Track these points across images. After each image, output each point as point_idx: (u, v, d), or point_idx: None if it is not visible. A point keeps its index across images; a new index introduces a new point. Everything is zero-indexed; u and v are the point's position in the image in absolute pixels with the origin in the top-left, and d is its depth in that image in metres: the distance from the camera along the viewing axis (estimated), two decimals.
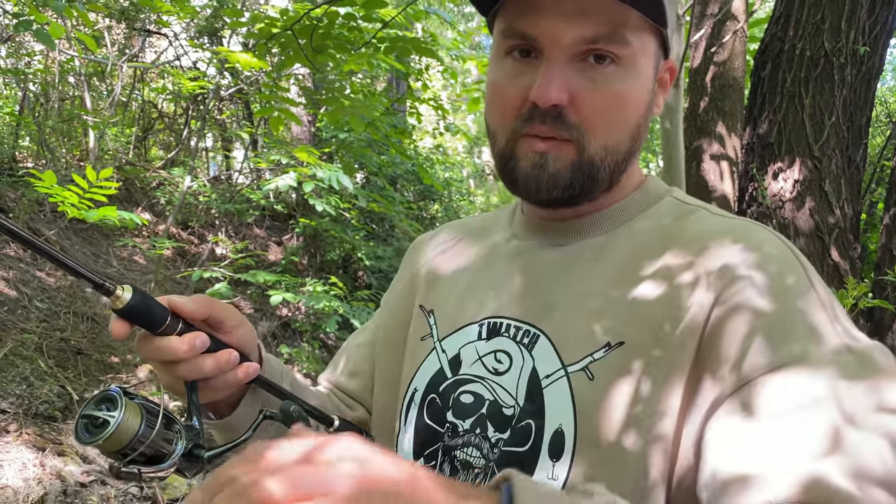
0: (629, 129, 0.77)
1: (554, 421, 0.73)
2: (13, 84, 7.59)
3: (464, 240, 0.98)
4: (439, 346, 0.87)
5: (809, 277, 0.70)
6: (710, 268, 0.70)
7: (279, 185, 4.75)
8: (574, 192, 0.77)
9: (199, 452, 0.72)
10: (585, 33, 0.71)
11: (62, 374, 4.51)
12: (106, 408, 0.69)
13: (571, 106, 0.73)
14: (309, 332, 6.84)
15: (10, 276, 5.06)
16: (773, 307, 0.66)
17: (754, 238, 0.72)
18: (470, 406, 0.80)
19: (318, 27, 3.16)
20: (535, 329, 0.79)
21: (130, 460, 0.69)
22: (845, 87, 3.28)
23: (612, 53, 0.73)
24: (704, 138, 3.89)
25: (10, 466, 3.57)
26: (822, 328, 0.65)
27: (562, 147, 0.75)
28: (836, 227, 3.26)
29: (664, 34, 0.78)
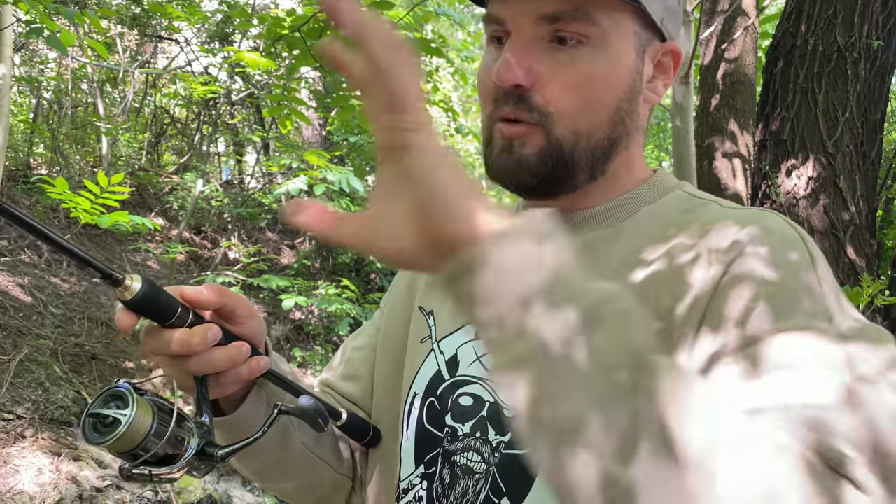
0: (604, 112, 0.73)
1: None
2: (27, 92, 7.66)
3: None
4: (437, 346, 0.83)
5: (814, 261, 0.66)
6: (719, 246, 0.67)
7: (289, 188, 4.76)
8: (545, 178, 0.74)
9: (212, 451, 0.68)
10: (546, 10, 0.69)
11: (77, 379, 4.54)
12: (115, 405, 0.64)
13: (536, 88, 0.71)
14: (322, 335, 6.85)
15: (26, 283, 5.11)
16: (780, 278, 0.62)
17: (763, 219, 0.68)
18: (469, 409, 0.77)
19: (326, 29, 3.16)
20: None
21: (142, 461, 0.64)
22: (859, 83, 3.24)
23: (578, 34, 0.70)
24: (716, 136, 3.86)
25: (27, 471, 3.59)
26: (829, 304, 0.61)
27: (529, 133, 0.72)
28: (852, 224, 3.22)
29: (648, 14, 0.73)
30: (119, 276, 0.62)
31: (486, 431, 0.74)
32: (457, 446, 0.76)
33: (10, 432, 3.80)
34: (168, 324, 0.67)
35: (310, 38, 3.22)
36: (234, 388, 0.75)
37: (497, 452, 0.73)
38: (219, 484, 4.36)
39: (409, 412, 0.83)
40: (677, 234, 0.72)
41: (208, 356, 0.69)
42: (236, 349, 0.70)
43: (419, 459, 0.80)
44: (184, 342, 0.67)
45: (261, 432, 0.73)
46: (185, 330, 0.67)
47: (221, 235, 7.76)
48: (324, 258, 7.80)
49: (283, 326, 6.74)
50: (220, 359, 0.69)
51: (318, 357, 6.40)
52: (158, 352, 0.68)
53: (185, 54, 7.97)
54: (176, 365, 0.69)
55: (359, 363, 0.97)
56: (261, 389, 0.80)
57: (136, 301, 0.63)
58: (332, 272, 7.62)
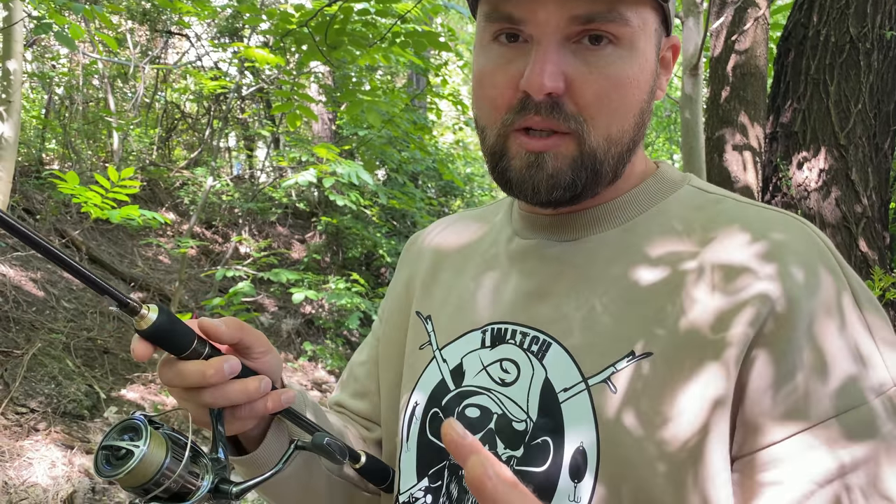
0: (632, 115, 0.69)
1: (574, 438, 0.66)
2: (39, 88, 7.70)
3: (460, 236, 0.90)
4: (439, 355, 0.79)
5: (855, 296, 0.64)
6: (747, 289, 0.63)
7: (299, 180, 4.77)
8: (577, 191, 0.69)
9: (227, 488, 0.66)
10: (578, 11, 0.64)
11: (89, 373, 4.57)
12: (129, 437, 0.63)
13: (568, 94, 0.66)
14: (332, 328, 6.87)
15: (38, 277, 5.14)
16: (813, 355, 0.61)
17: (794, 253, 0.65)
18: (476, 421, 0.72)
19: (334, 23, 3.16)
20: (544, 335, 0.72)
21: (153, 497, 0.63)
22: (872, 74, 3.21)
23: (610, 33, 0.65)
24: (727, 128, 3.83)
25: (40, 464, 3.63)
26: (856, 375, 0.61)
27: (560, 142, 0.67)
28: (864, 217, 3.19)
29: (665, 9, 0.70)
30: (135, 306, 0.62)
31: (495, 445, 0.71)
32: None
33: (24, 425, 3.84)
34: (184, 356, 0.65)
35: (318, 33, 3.22)
36: (251, 423, 0.73)
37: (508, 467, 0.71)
38: None
39: (409, 422, 0.79)
40: (699, 244, 0.69)
41: (223, 389, 0.67)
42: (254, 384, 0.69)
43: (422, 472, 0.76)
44: (198, 373, 0.65)
45: (276, 469, 0.72)
46: (201, 361, 0.66)
47: (232, 230, 7.79)
48: (334, 252, 7.81)
49: (293, 320, 6.77)
50: (236, 391, 0.67)
51: (328, 351, 6.43)
52: (173, 383, 0.67)
53: (195, 49, 7.99)
54: (191, 397, 0.68)
55: (365, 378, 0.95)
56: (281, 425, 0.78)
57: (151, 331, 0.62)
58: (342, 266, 7.63)
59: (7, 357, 4.22)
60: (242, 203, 7.38)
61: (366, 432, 0.92)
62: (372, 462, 0.81)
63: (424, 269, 0.89)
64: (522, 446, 0.69)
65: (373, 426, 0.93)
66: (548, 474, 0.67)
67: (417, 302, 0.87)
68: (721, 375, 0.62)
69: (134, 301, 0.62)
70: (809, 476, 0.58)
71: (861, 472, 0.58)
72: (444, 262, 0.88)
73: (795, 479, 0.59)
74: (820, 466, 0.59)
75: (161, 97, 8.55)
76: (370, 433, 0.92)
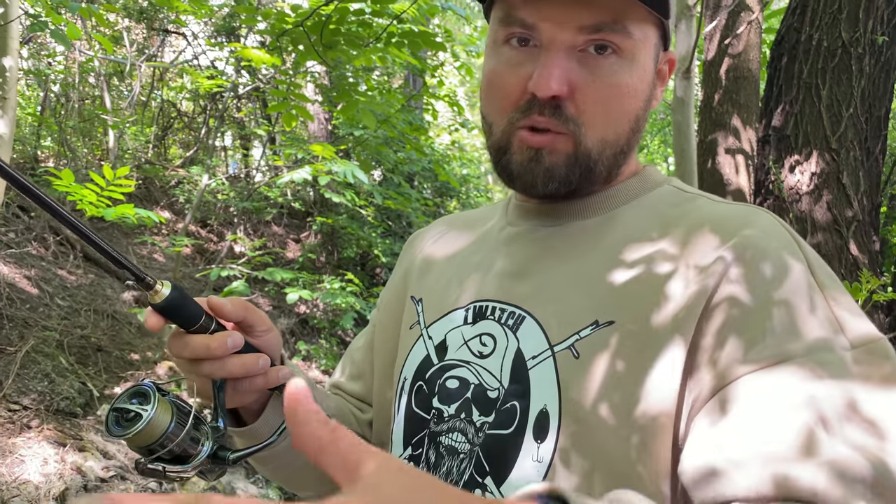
0: (628, 122, 0.76)
1: (539, 401, 0.72)
2: (35, 85, 7.69)
3: (456, 231, 0.98)
4: (426, 332, 0.86)
5: (811, 266, 0.67)
6: (706, 259, 0.68)
7: (294, 178, 4.78)
8: (571, 186, 0.76)
9: (224, 454, 0.72)
10: (587, 21, 0.70)
11: (83, 370, 4.57)
12: (138, 402, 0.69)
13: (570, 98, 0.72)
14: (327, 328, 6.88)
15: (32, 275, 5.14)
16: (758, 303, 0.64)
17: (750, 226, 0.70)
18: (455, 391, 0.79)
19: (329, 23, 3.17)
20: (520, 310, 0.77)
21: (157, 457, 0.68)
22: (863, 78, 3.23)
23: (614, 44, 0.72)
24: (719, 131, 3.85)
25: (32, 461, 3.63)
26: (806, 323, 0.63)
27: (557, 140, 0.74)
28: (855, 221, 3.21)
29: (665, 26, 0.76)
30: (151, 281, 0.68)
31: (471, 412, 0.76)
32: (442, 427, 0.78)
33: (16, 422, 3.84)
34: (192, 329, 0.71)
35: (314, 32, 3.23)
36: (251, 396, 0.80)
37: (481, 433, 0.75)
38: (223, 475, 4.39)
39: (399, 397, 0.85)
40: (665, 232, 0.74)
41: (225, 362, 0.73)
42: (253, 359, 0.75)
43: (407, 442, 0.82)
44: (203, 345, 0.71)
45: (271, 440, 0.78)
46: (207, 335, 0.72)
47: (227, 229, 7.79)
48: (329, 252, 7.82)
49: (287, 320, 6.77)
50: (236, 365, 0.74)
51: (322, 350, 6.43)
52: (180, 354, 0.73)
53: (191, 48, 7.98)
54: (195, 368, 0.74)
55: (361, 362, 1.02)
56: (278, 401, 0.83)
57: (163, 305, 0.68)
58: (336, 266, 7.64)
59: (0, 354, 4.22)
60: (238, 202, 7.38)
61: (359, 413, 0.99)
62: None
63: (421, 261, 0.97)
64: (494, 412, 0.75)
65: (366, 407, 1.00)
66: (513, 436, 0.72)
67: (412, 288, 0.94)
68: (679, 342, 0.66)
69: (149, 276, 0.67)
70: (779, 402, 0.59)
71: (836, 401, 0.58)
72: (439, 254, 0.95)
73: (763, 406, 0.60)
74: (788, 394, 0.59)
75: (157, 95, 8.55)
76: (363, 414, 0.99)
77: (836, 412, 0.57)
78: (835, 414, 0.57)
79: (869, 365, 0.61)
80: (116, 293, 5.75)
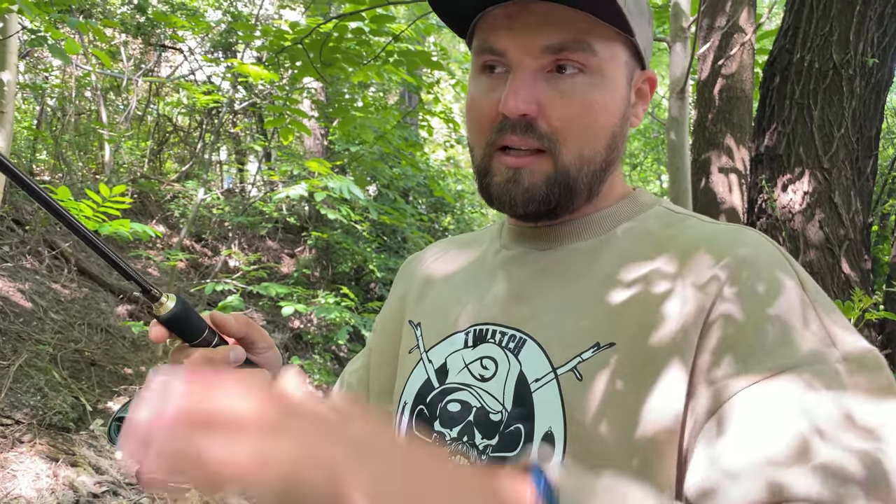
0: (603, 138, 0.78)
1: (543, 423, 0.72)
2: (31, 98, 7.70)
3: (452, 254, 0.98)
4: (426, 356, 0.86)
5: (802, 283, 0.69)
6: (701, 279, 0.70)
7: (290, 194, 4.79)
8: (550, 206, 0.78)
9: None
10: (551, 41, 0.73)
11: (76, 385, 4.55)
12: None
13: (542, 116, 0.74)
14: (321, 343, 6.86)
15: (26, 288, 5.13)
16: (752, 320, 0.66)
17: (743, 245, 0.71)
18: (456, 414, 0.79)
19: (328, 41, 3.20)
20: (521, 334, 0.78)
21: None
22: (854, 99, 3.27)
23: (578, 63, 0.74)
24: (713, 151, 3.89)
25: (24, 477, 3.60)
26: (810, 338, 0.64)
27: (536, 160, 0.76)
28: (847, 239, 3.24)
29: (634, 43, 0.78)
30: (156, 293, 0.68)
31: (473, 436, 0.77)
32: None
33: (9, 437, 3.82)
34: (194, 343, 0.72)
35: (312, 49, 3.26)
36: None
37: (484, 456, 0.75)
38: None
39: (399, 421, 0.86)
40: (659, 252, 0.76)
41: None
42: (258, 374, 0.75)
43: None
44: (205, 359, 0.72)
45: None
46: (210, 349, 0.72)
47: (222, 243, 7.79)
48: (323, 267, 7.82)
49: (282, 335, 6.76)
50: None
51: (316, 366, 6.41)
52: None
53: (188, 63, 8.01)
54: None
55: (356, 385, 1.02)
56: None
57: (168, 318, 0.69)
58: (331, 281, 7.64)
59: None
60: (233, 217, 7.39)
61: None
62: None
63: (418, 284, 0.97)
64: (497, 435, 0.75)
65: None
66: (518, 458, 0.73)
67: (410, 312, 0.94)
68: (680, 362, 0.67)
69: (155, 289, 0.68)
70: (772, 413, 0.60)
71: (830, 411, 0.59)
72: (437, 277, 0.96)
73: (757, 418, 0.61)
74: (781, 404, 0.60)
75: (153, 110, 8.57)
76: None
77: (830, 421, 0.59)
78: (829, 422, 0.58)
79: (862, 375, 0.62)
80: (110, 307, 5.73)
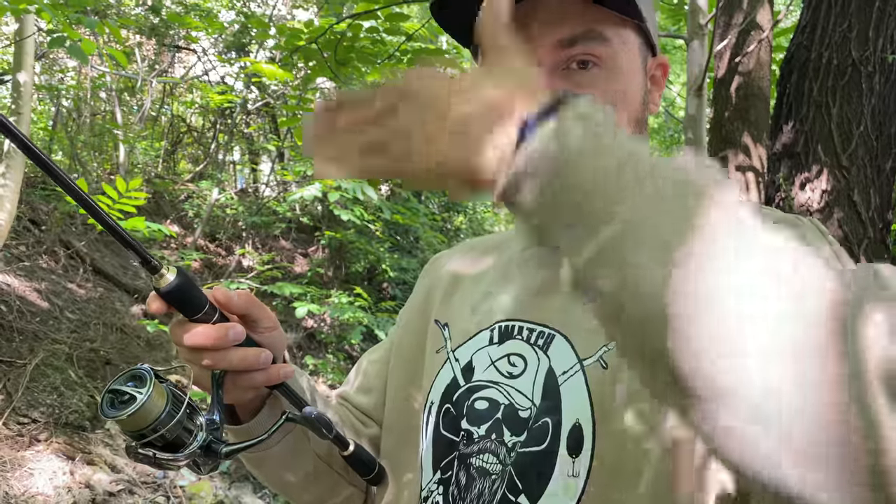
0: (628, 127, 0.76)
1: (571, 415, 0.72)
2: (47, 100, 7.76)
3: (479, 255, 0.97)
4: (452, 356, 0.85)
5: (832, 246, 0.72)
6: None
7: (304, 195, 4.80)
8: None
9: (217, 447, 0.70)
10: (564, 34, 0.72)
11: (91, 383, 4.58)
12: (134, 385, 0.66)
13: None
14: (334, 343, 6.88)
15: (43, 288, 5.16)
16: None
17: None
18: (484, 412, 0.78)
19: (343, 40, 3.20)
20: (549, 330, 0.78)
21: (148, 442, 0.66)
22: (874, 96, 3.24)
23: (594, 55, 0.73)
24: (730, 149, 3.85)
25: (41, 475, 3.63)
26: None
27: None
28: (866, 238, 3.21)
29: (645, 30, 0.78)
30: (156, 264, 0.65)
31: (502, 433, 0.76)
32: (472, 449, 0.78)
33: (26, 436, 3.84)
34: (194, 318, 0.69)
35: (326, 49, 3.26)
36: (249, 393, 0.77)
37: (513, 453, 0.74)
38: (230, 490, 4.38)
39: (427, 421, 0.85)
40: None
41: (224, 353, 0.70)
42: (253, 353, 0.72)
43: (436, 465, 0.81)
44: (202, 334, 0.69)
45: (264, 436, 0.76)
46: (209, 325, 0.70)
47: (236, 243, 7.82)
48: (337, 267, 7.83)
49: (295, 334, 6.77)
50: (236, 357, 0.71)
51: (329, 365, 6.42)
52: (180, 342, 0.71)
53: (202, 64, 8.05)
54: (194, 358, 0.71)
55: (373, 376, 1.00)
56: (277, 401, 0.82)
57: (167, 291, 0.65)
58: (344, 281, 7.65)
59: (10, 367, 4.23)
60: (246, 217, 7.41)
61: (361, 427, 0.96)
62: (360, 451, 0.84)
63: (445, 283, 0.95)
64: (526, 431, 0.75)
65: (369, 422, 0.98)
66: (546, 452, 0.72)
67: (437, 311, 0.93)
68: None
69: (155, 260, 0.64)
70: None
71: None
72: (463, 277, 0.94)
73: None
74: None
75: (167, 111, 8.61)
76: (365, 428, 0.97)
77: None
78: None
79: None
80: (125, 307, 5.76)
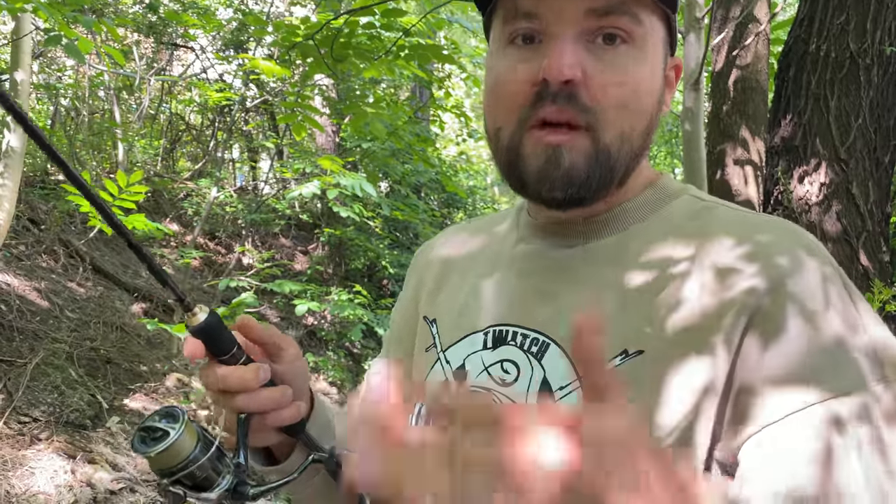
0: (644, 116, 0.72)
1: None
2: (45, 99, 7.75)
3: (466, 242, 0.93)
4: (443, 356, 0.82)
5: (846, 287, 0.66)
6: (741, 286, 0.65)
7: (303, 192, 4.80)
8: (591, 189, 0.70)
9: (245, 490, 0.71)
10: (596, 4, 0.67)
11: (92, 382, 4.58)
12: (167, 422, 0.69)
13: (584, 86, 0.67)
14: (334, 340, 6.88)
15: (42, 287, 5.16)
16: (795, 337, 0.62)
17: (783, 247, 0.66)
18: None
19: (340, 36, 3.20)
20: (543, 337, 0.74)
21: (177, 480, 0.68)
22: (872, 89, 3.23)
23: (623, 31, 0.68)
24: (728, 142, 3.85)
25: (42, 474, 3.63)
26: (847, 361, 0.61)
27: (575, 137, 0.68)
28: (865, 231, 3.20)
29: (671, 22, 0.73)
30: (190, 304, 0.68)
31: None
32: None
33: (26, 435, 3.85)
34: (223, 358, 0.70)
35: (323, 45, 3.25)
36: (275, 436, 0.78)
37: None
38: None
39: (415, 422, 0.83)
40: (690, 248, 0.71)
41: (257, 394, 0.71)
42: (280, 391, 0.73)
43: None
44: (240, 378, 0.70)
45: (290, 477, 0.78)
46: (241, 367, 0.70)
47: (235, 241, 7.82)
48: (336, 264, 7.83)
49: (295, 332, 6.77)
50: (266, 398, 0.72)
51: (330, 362, 6.43)
52: (212, 386, 0.71)
53: (200, 62, 8.04)
54: (225, 400, 0.72)
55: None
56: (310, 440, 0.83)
57: (199, 328, 0.68)
58: (344, 278, 7.65)
59: (10, 366, 4.23)
60: (246, 214, 7.41)
61: None
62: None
63: (432, 276, 0.92)
64: None
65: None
66: None
67: (424, 307, 0.90)
68: (709, 367, 0.64)
69: (189, 300, 0.68)
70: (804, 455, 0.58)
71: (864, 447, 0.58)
72: (450, 269, 0.91)
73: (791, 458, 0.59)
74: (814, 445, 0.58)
75: (166, 109, 8.60)
76: None
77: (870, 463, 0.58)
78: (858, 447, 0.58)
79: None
80: (125, 305, 5.76)
